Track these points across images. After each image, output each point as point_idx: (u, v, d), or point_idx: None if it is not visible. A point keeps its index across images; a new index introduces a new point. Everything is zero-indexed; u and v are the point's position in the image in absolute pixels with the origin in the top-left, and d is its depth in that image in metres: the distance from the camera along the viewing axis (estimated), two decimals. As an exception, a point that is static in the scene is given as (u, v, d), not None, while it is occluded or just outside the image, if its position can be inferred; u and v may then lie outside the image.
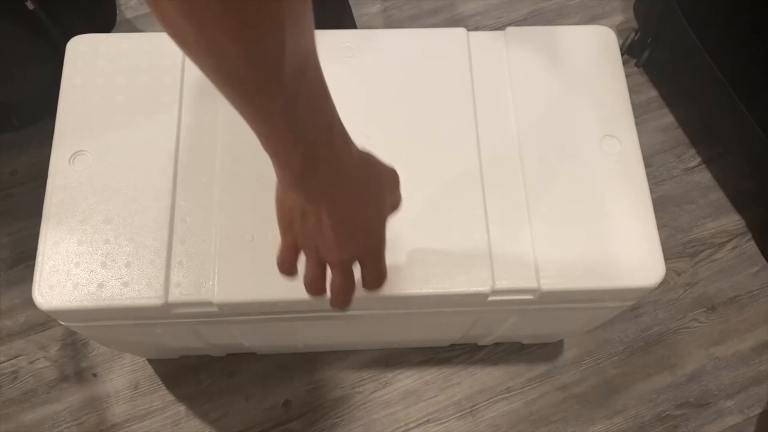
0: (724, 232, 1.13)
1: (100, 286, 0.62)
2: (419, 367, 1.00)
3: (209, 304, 0.63)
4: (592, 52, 0.75)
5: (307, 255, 0.49)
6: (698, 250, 1.11)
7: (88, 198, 0.65)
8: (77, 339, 0.99)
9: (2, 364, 0.98)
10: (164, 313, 0.64)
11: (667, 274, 1.07)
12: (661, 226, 1.12)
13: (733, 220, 1.14)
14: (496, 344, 1.01)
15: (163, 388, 0.97)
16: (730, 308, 1.07)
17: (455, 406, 0.98)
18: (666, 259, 1.08)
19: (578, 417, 0.98)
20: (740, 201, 1.15)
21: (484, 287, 0.64)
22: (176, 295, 0.62)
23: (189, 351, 0.96)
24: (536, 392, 1.00)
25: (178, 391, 0.97)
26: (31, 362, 0.98)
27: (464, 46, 0.74)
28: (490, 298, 0.65)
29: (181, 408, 0.96)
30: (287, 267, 0.50)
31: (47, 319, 1.00)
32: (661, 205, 1.14)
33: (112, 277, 0.62)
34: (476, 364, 1.01)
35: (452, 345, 1.01)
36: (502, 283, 0.64)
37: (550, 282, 0.64)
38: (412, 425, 0.97)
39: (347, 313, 0.71)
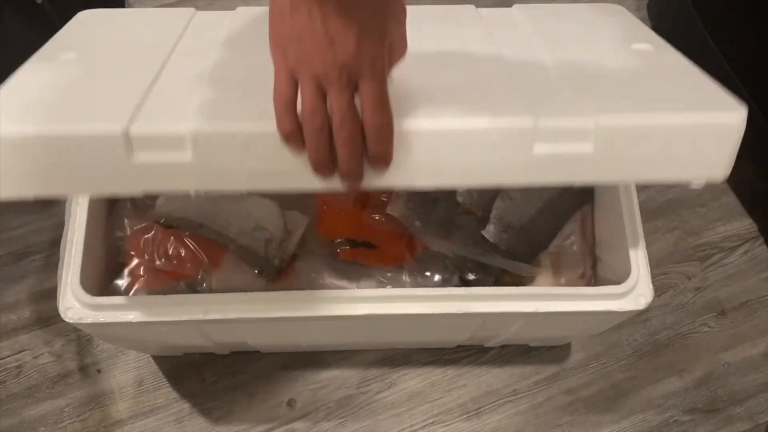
0: (735, 236, 1.11)
1: (60, 112, 0.52)
2: (425, 368, 0.99)
3: (179, 141, 0.51)
4: (610, 19, 0.72)
5: (302, 80, 0.44)
6: (709, 254, 1.10)
7: (81, 43, 0.63)
8: (82, 335, 0.99)
9: (6, 359, 0.98)
10: (123, 161, 0.51)
11: (676, 277, 1.07)
12: (671, 230, 1.11)
13: (745, 224, 1.12)
14: (503, 346, 1.00)
15: (167, 385, 0.97)
16: (740, 313, 1.06)
17: (461, 408, 0.97)
18: (675, 262, 1.08)
19: (585, 421, 0.97)
20: (753, 204, 1.13)
21: (526, 124, 0.51)
22: (141, 126, 0.50)
23: (193, 348, 0.95)
24: (543, 395, 0.99)
25: (182, 389, 0.97)
26: (35, 357, 0.98)
27: (474, 13, 0.73)
28: (536, 149, 0.52)
29: (185, 405, 0.96)
30: (284, 100, 0.45)
31: (52, 315, 0.99)
32: (671, 208, 1.12)
33: (76, 104, 0.53)
34: (482, 366, 1.00)
35: (458, 346, 1.00)
36: (549, 122, 0.51)
37: (609, 115, 0.51)
38: (417, 427, 0.96)
39: (355, 314, 0.70)
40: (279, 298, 0.71)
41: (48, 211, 1.07)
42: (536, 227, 0.81)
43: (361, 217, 0.79)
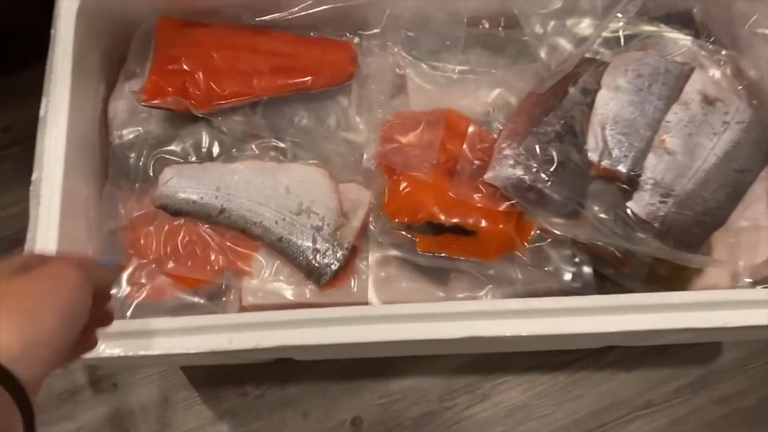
0: None
1: None
2: (527, 374, 0.81)
3: None
4: None
5: None
6: None
7: None
8: (91, 342, 0.82)
9: (4, 373, 0.81)
10: None
11: None
12: None
13: None
14: (630, 344, 0.80)
15: (200, 402, 0.81)
16: None
17: (578, 425, 0.79)
18: None
19: (745, 439, 0.79)
20: None
21: None
22: None
23: (229, 358, 0.77)
24: (686, 407, 0.80)
25: (219, 406, 0.81)
26: (38, 369, 0.81)
27: None
28: None
29: (223, 427, 0.80)
30: None
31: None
32: None
33: None
34: (604, 370, 0.81)
35: (571, 345, 0.80)
36: None
37: None
38: (520, 451, 0.79)
39: (445, 338, 0.51)
40: (334, 316, 0.53)
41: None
42: (707, 194, 0.58)
43: (447, 189, 0.58)
